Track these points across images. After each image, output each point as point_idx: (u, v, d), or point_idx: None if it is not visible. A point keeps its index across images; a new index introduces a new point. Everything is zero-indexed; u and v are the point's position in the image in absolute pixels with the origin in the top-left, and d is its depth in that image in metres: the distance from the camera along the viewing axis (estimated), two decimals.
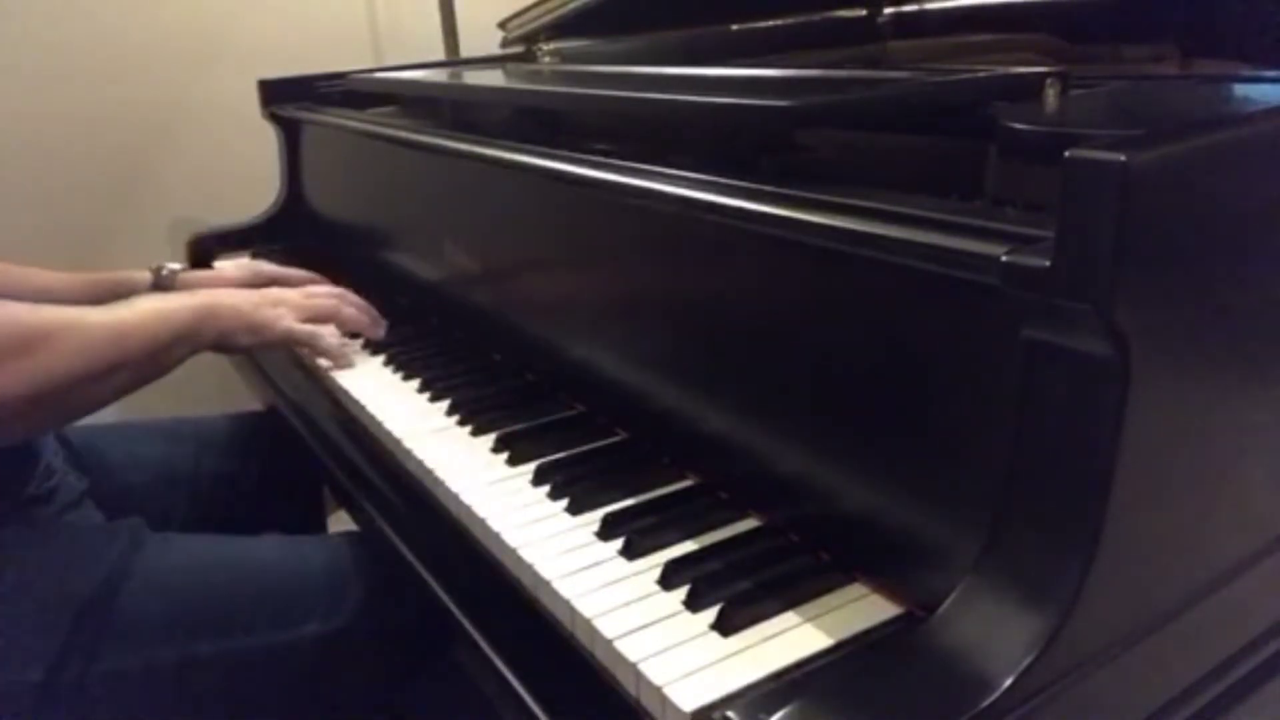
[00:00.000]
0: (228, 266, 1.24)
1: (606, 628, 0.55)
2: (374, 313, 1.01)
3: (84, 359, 0.76)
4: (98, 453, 0.99)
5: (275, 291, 0.99)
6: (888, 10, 1.28)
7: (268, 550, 0.86)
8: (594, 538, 0.64)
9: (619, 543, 0.62)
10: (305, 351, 1.00)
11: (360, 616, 0.81)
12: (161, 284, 1.07)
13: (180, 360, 0.86)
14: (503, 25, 1.35)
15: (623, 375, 0.77)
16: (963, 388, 0.51)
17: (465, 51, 1.72)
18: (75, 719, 0.74)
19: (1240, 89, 0.75)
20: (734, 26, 1.30)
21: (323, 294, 1.00)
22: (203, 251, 1.37)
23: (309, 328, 0.95)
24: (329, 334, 0.97)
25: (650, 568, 0.60)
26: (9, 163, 1.54)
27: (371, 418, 0.86)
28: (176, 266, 1.10)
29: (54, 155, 1.58)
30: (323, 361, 0.97)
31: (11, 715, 0.72)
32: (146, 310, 0.84)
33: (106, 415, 0.84)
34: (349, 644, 0.81)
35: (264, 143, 1.44)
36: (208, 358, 0.91)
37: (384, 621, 0.82)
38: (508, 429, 0.79)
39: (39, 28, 1.54)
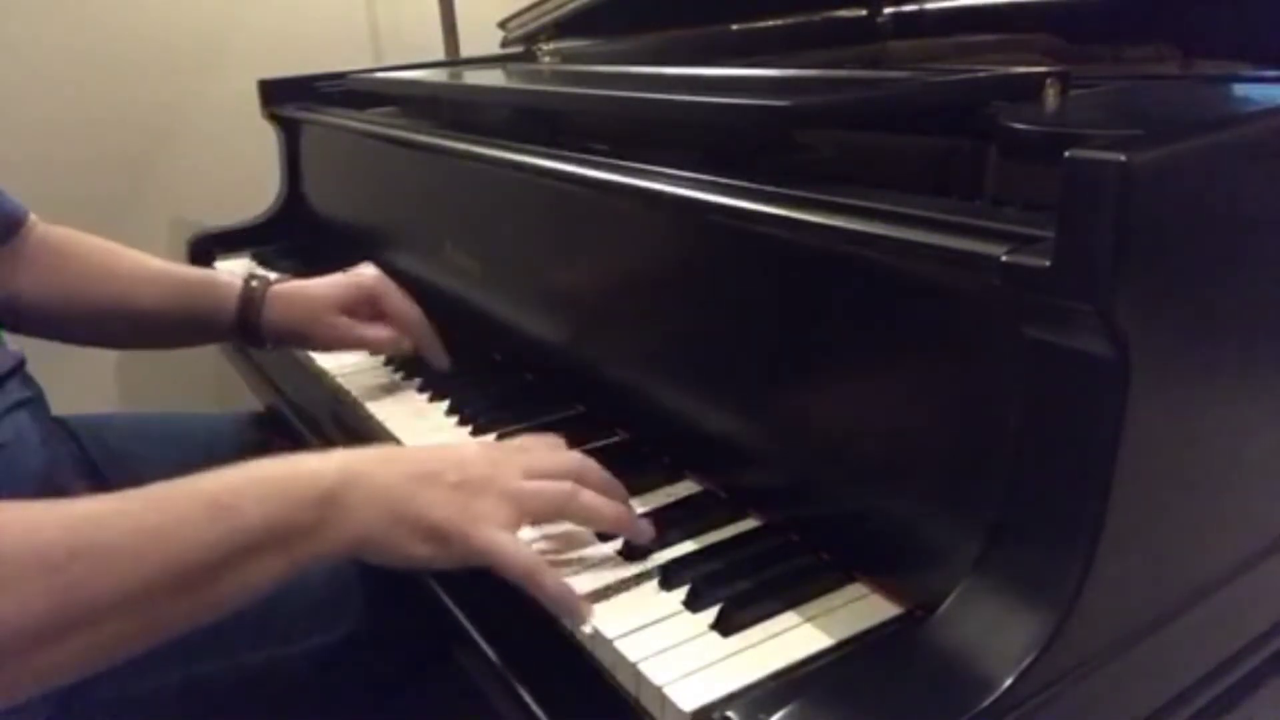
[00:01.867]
0: (328, 280, 0.96)
1: (606, 628, 0.55)
2: (622, 492, 0.63)
3: (135, 567, 0.51)
4: (97, 453, 0.99)
5: (469, 452, 0.62)
6: (888, 10, 1.28)
7: None
8: (593, 537, 0.64)
9: (619, 543, 0.62)
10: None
11: (363, 623, 0.81)
12: (250, 295, 0.94)
13: (255, 588, 0.56)
14: (503, 25, 1.35)
15: (623, 375, 0.77)
16: (963, 387, 0.51)
17: (465, 51, 1.72)
18: None
19: (1240, 89, 0.75)
20: (734, 26, 1.30)
21: (556, 467, 0.61)
22: (203, 252, 1.37)
23: (530, 555, 0.57)
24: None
25: (650, 568, 0.60)
26: (9, 162, 1.54)
27: (371, 418, 0.86)
28: (271, 276, 0.95)
29: (54, 155, 1.58)
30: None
31: None
32: (195, 498, 0.55)
33: (106, 410, 0.82)
34: (353, 651, 0.81)
35: (264, 143, 1.44)
36: (206, 354, 0.88)
37: (385, 627, 0.82)
38: (508, 429, 0.79)
39: (39, 28, 1.54)
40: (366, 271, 0.95)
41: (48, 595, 0.48)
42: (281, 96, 1.39)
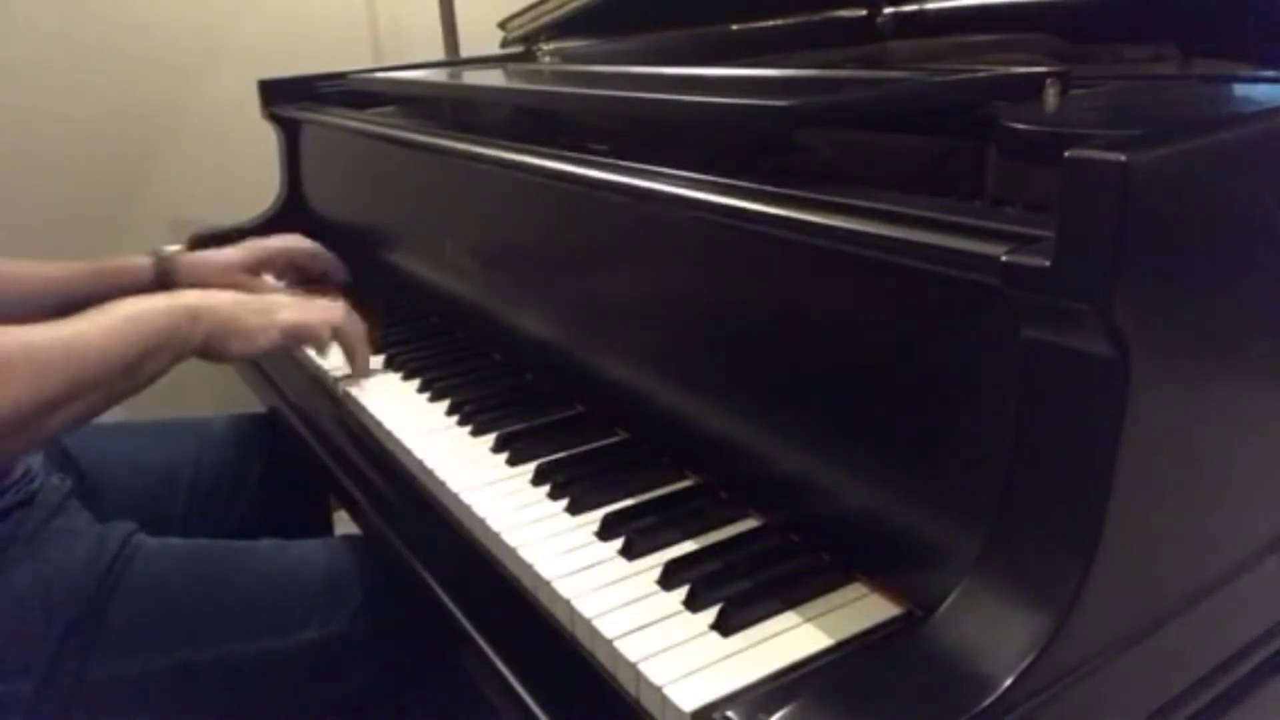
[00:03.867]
0: (228, 249, 1.17)
1: (606, 628, 0.55)
2: (367, 343, 0.94)
3: (40, 386, 0.69)
4: (95, 452, 0.99)
5: (275, 296, 0.95)
6: (888, 10, 1.28)
7: (265, 555, 0.85)
8: (594, 538, 0.64)
9: (619, 543, 0.62)
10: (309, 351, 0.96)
11: (359, 620, 0.81)
12: (161, 268, 1.06)
13: (162, 370, 0.79)
14: (503, 25, 1.35)
15: (622, 375, 0.77)
16: (963, 387, 0.51)
17: (465, 51, 1.72)
18: None
19: (1240, 89, 0.75)
20: (734, 26, 1.30)
21: (322, 303, 0.94)
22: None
23: (307, 320, 0.89)
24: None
25: (650, 568, 0.60)
26: (9, 163, 1.55)
27: (372, 418, 0.86)
28: (176, 248, 1.09)
29: (54, 155, 1.58)
30: (329, 362, 0.94)
31: None
32: (114, 319, 0.77)
33: (105, 415, 0.83)
34: (348, 648, 0.81)
35: (264, 143, 1.44)
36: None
37: (383, 624, 0.82)
38: (508, 429, 0.79)
39: (39, 28, 1.54)
40: (277, 237, 1.13)
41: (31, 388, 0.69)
42: (281, 96, 1.39)
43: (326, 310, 0.92)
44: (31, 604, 0.74)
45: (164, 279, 1.06)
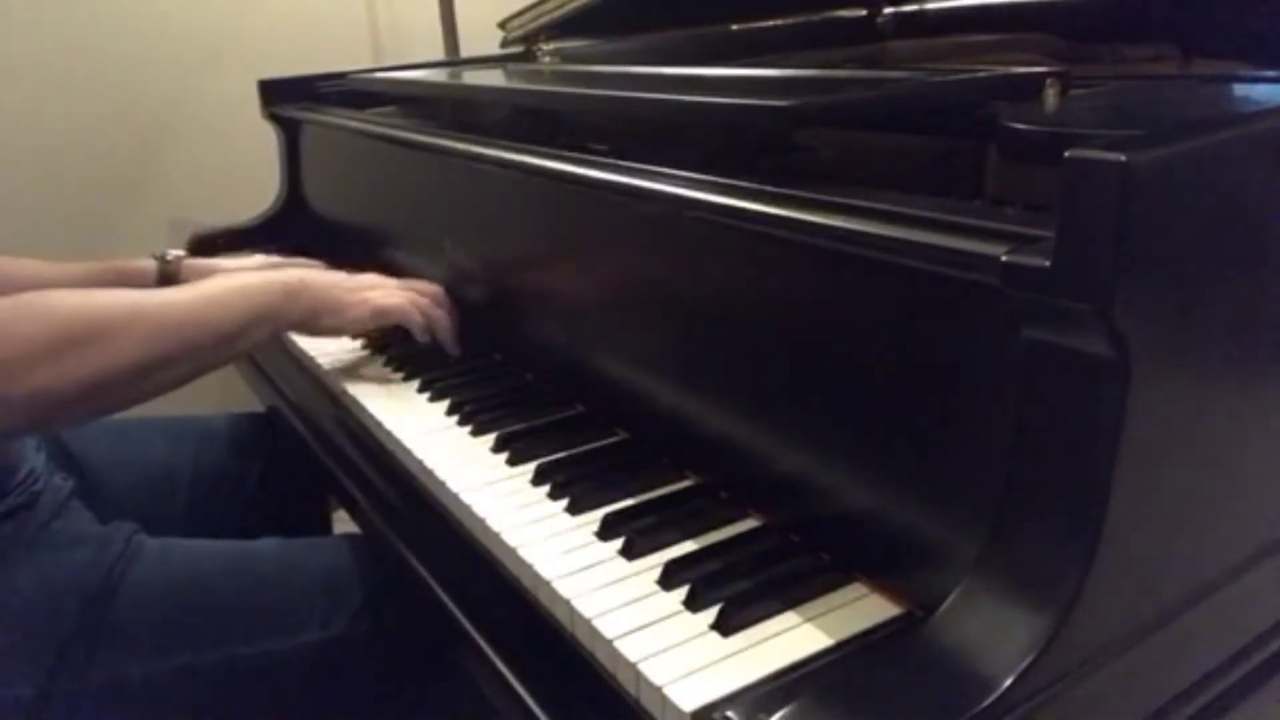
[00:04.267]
0: (242, 260, 1.20)
1: (606, 628, 0.55)
2: (452, 329, 0.96)
3: (149, 347, 0.74)
4: (95, 452, 0.99)
5: (369, 276, 0.96)
6: (888, 10, 1.28)
7: (266, 556, 0.85)
8: (594, 538, 0.64)
9: (619, 543, 0.62)
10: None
11: (359, 621, 0.81)
12: (166, 272, 1.06)
13: (259, 344, 0.85)
14: (503, 25, 1.35)
15: (622, 375, 0.77)
16: (963, 387, 0.51)
17: (465, 51, 1.72)
18: None
19: (1240, 89, 0.75)
20: (734, 26, 1.30)
21: (419, 286, 0.96)
22: (203, 252, 1.36)
23: (397, 301, 0.92)
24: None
25: (650, 568, 0.60)
26: (9, 163, 1.55)
27: (371, 418, 0.86)
28: (180, 253, 1.09)
29: (54, 155, 1.58)
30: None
31: None
32: (226, 289, 0.81)
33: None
34: (349, 648, 0.81)
35: (264, 143, 1.44)
36: None
37: (383, 625, 0.82)
38: (508, 429, 0.79)
39: (39, 28, 1.54)
40: (293, 261, 1.13)
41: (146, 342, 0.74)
42: (281, 96, 1.39)
43: (417, 295, 0.94)
44: (34, 606, 0.74)
45: (167, 282, 1.05)
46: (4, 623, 0.73)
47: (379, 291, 0.93)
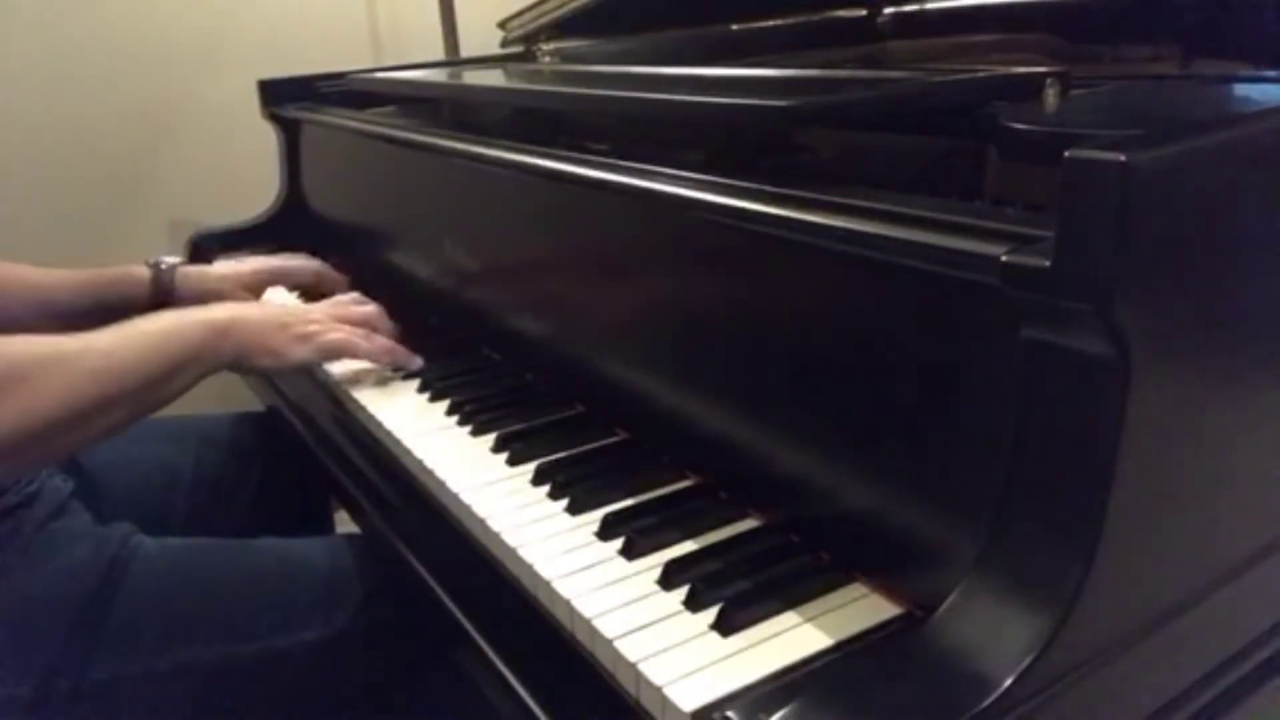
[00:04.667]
0: (230, 263, 1.19)
1: (606, 627, 0.55)
2: (401, 345, 0.92)
3: (71, 397, 0.70)
4: (96, 453, 0.99)
5: (301, 307, 0.93)
6: (888, 10, 1.28)
7: (266, 554, 0.85)
8: (594, 538, 0.64)
9: (619, 543, 0.62)
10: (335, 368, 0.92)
11: (360, 618, 0.81)
12: (160, 279, 1.04)
13: (190, 384, 0.80)
14: (503, 25, 1.35)
15: (622, 375, 0.77)
16: (963, 387, 0.51)
17: (465, 51, 1.72)
18: None
19: (1240, 89, 0.75)
20: (734, 26, 1.30)
21: (356, 313, 0.92)
22: (202, 252, 1.37)
23: (339, 337, 0.88)
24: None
25: (650, 568, 0.60)
26: (9, 162, 1.55)
27: (371, 418, 0.86)
28: (175, 260, 1.07)
29: (54, 155, 1.58)
30: (356, 388, 0.89)
31: None
32: (146, 334, 0.78)
33: None
34: (348, 647, 0.81)
35: (264, 143, 1.44)
36: None
37: (383, 624, 0.82)
38: (508, 429, 0.79)
39: (39, 27, 1.54)
40: (282, 255, 1.11)
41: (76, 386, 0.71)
42: (281, 96, 1.39)
43: (353, 323, 0.91)
44: (32, 606, 0.74)
45: (161, 289, 1.04)
46: (3, 622, 0.73)
47: (316, 327, 0.88)
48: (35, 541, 0.79)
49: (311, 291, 1.14)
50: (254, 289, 1.12)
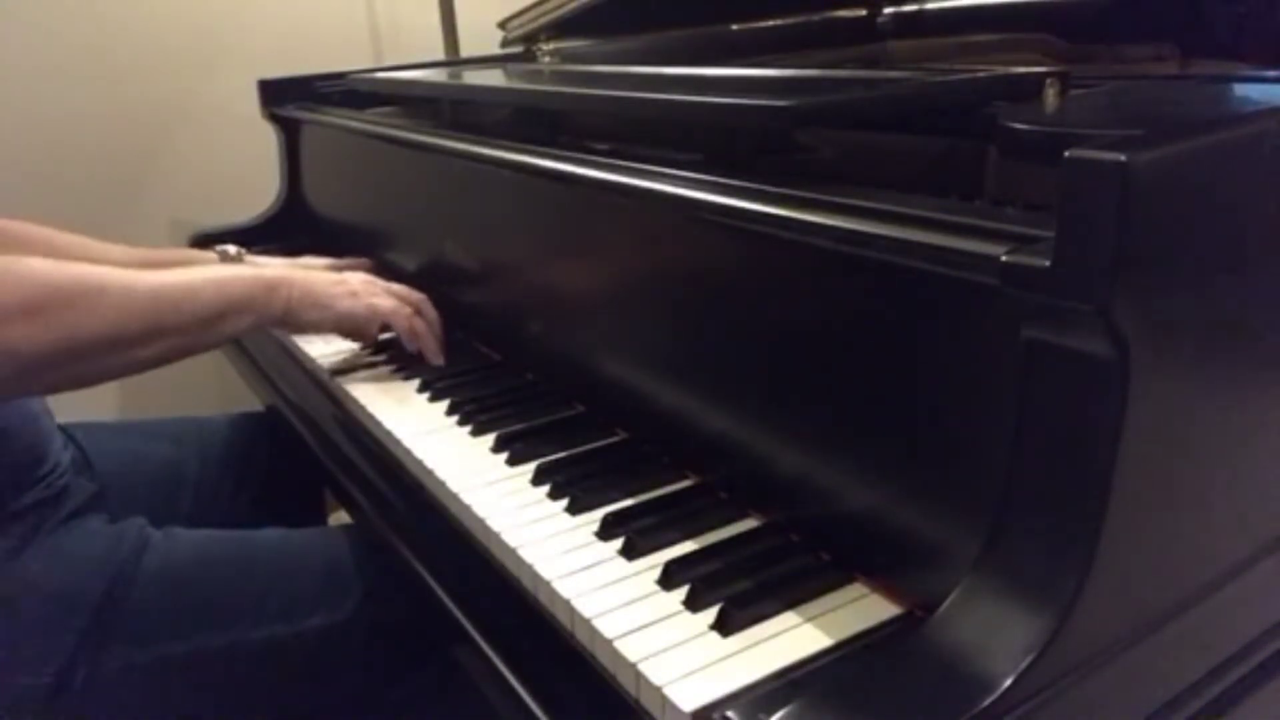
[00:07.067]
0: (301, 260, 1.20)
1: (606, 628, 0.55)
2: (435, 336, 0.96)
3: (119, 320, 0.75)
4: (104, 456, 0.99)
5: (354, 275, 0.97)
6: (888, 10, 1.28)
7: (269, 544, 0.86)
8: (594, 538, 0.64)
9: (619, 543, 0.63)
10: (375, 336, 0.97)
11: (363, 607, 0.82)
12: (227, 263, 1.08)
13: (241, 331, 0.86)
14: (503, 25, 1.34)
15: (622, 375, 0.77)
16: (962, 388, 0.51)
17: (465, 51, 1.72)
18: (85, 717, 0.74)
19: (1240, 89, 0.75)
20: (734, 26, 1.30)
21: (413, 296, 0.97)
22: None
23: (389, 303, 0.93)
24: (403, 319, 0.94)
25: (650, 568, 0.60)
26: (9, 162, 1.54)
27: (371, 418, 0.86)
28: (238, 249, 1.12)
29: (53, 155, 1.58)
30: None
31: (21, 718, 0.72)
32: (202, 278, 0.83)
33: (108, 415, 0.83)
34: (352, 634, 0.82)
35: (264, 143, 1.44)
36: (208, 357, 0.91)
37: (385, 615, 0.83)
38: (508, 429, 0.79)
39: (38, 27, 1.54)
40: (351, 263, 1.11)
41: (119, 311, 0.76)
42: (281, 96, 1.39)
43: (403, 301, 0.95)
44: (50, 598, 0.76)
45: None
46: (26, 614, 0.75)
47: (368, 289, 0.93)
48: (57, 536, 0.81)
49: None
50: None
